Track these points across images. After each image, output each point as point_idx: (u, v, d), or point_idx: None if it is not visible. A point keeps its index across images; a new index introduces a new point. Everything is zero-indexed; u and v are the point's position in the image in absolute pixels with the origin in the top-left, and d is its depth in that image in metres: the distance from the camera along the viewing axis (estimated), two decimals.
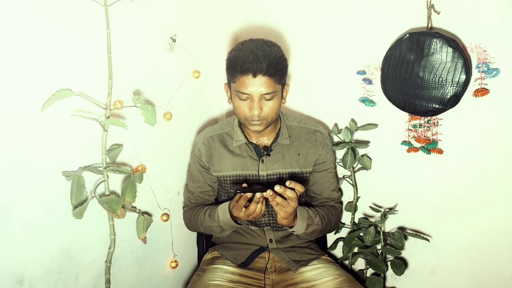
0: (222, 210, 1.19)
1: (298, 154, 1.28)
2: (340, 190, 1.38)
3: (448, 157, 1.29)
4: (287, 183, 1.03)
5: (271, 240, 1.29)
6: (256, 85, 1.11)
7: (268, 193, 1.01)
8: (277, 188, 1.01)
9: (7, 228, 0.90)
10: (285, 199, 1.04)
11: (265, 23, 1.54)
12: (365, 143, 1.39)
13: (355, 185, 1.41)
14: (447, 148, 1.28)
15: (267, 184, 1.25)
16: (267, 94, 1.13)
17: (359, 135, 1.42)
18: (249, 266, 1.25)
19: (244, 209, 1.09)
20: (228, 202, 1.18)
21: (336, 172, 1.37)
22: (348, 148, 1.35)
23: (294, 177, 1.28)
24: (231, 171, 1.27)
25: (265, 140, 1.29)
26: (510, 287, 1.28)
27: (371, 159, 1.38)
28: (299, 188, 1.04)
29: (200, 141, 1.32)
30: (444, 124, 1.28)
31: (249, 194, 1.05)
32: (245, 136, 1.28)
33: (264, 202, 1.07)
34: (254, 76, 1.10)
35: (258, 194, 1.05)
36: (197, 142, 1.32)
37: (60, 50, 0.98)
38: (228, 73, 1.19)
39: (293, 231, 1.17)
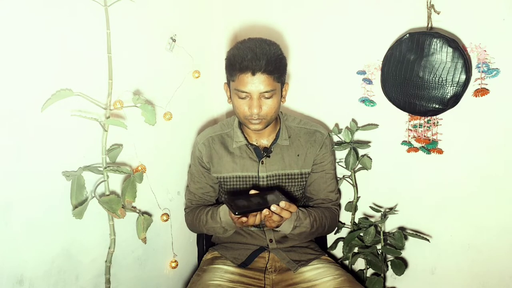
0: (223, 211, 1.18)
1: (298, 155, 1.28)
2: (339, 192, 1.38)
3: (448, 157, 1.29)
4: (282, 204, 1.02)
5: (271, 240, 1.29)
6: (255, 83, 1.11)
7: (265, 212, 1.02)
8: (273, 208, 1.02)
9: (7, 228, 0.90)
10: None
11: (265, 23, 1.54)
12: (367, 144, 1.39)
13: (355, 185, 1.41)
14: (447, 148, 1.28)
15: (263, 189, 1.25)
16: (266, 92, 1.13)
17: (359, 135, 1.42)
18: (249, 266, 1.25)
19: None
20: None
21: (335, 173, 1.36)
22: (350, 149, 1.35)
23: (293, 178, 1.28)
24: (231, 173, 1.27)
25: (265, 141, 1.29)
26: (510, 287, 1.28)
27: (371, 159, 1.38)
28: (293, 209, 1.05)
29: (200, 142, 1.31)
30: (444, 124, 1.28)
31: (244, 219, 1.05)
32: (245, 137, 1.28)
33: (260, 213, 1.05)
34: (253, 74, 1.10)
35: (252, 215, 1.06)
36: (197, 143, 1.32)
37: (60, 50, 0.98)
38: (227, 72, 1.19)
39: (279, 230, 1.17)
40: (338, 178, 1.40)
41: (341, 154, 1.42)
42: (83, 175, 1.02)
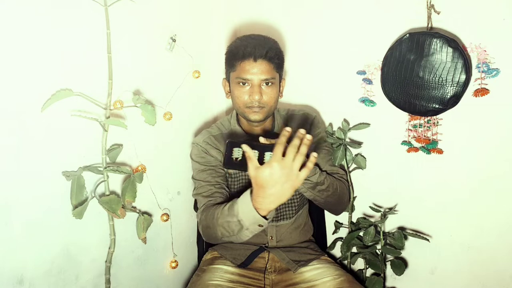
0: (243, 199, 0.96)
1: None
2: (342, 168, 1.34)
3: (448, 157, 1.29)
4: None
5: (271, 237, 1.29)
6: (256, 70, 1.15)
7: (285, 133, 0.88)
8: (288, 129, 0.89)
9: (7, 228, 0.90)
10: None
11: (265, 22, 1.54)
12: (358, 144, 1.39)
13: (351, 185, 1.41)
14: (447, 148, 1.28)
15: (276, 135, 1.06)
16: (266, 80, 1.16)
17: (358, 135, 1.42)
18: (248, 266, 1.25)
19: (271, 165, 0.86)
20: (250, 189, 0.95)
21: (332, 151, 1.33)
22: (340, 144, 1.33)
23: None
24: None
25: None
26: (510, 287, 1.28)
27: (365, 158, 1.38)
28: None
29: (201, 140, 1.29)
30: (444, 124, 1.28)
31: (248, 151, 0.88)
32: (245, 134, 1.28)
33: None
34: (255, 60, 1.14)
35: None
36: (197, 143, 1.28)
37: (60, 50, 0.98)
38: (227, 64, 1.22)
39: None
40: None
41: None
42: (83, 175, 1.02)
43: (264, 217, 0.94)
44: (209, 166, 1.25)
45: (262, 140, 0.91)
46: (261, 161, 0.88)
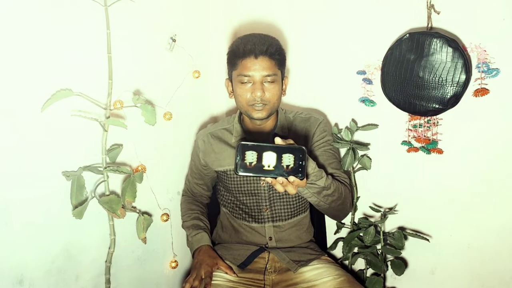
0: (197, 243, 1.30)
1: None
2: (346, 173, 1.31)
3: (448, 157, 1.29)
4: (290, 179, 0.86)
5: (270, 238, 1.29)
6: (258, 67, 1.15)
7: (268, 180, 0.87)
8: (280, 180, 0.87)
9: (7, 228, 0.90)
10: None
11: (265, 23, 1.54)
12: (366, 146, 1.39)
13: (355, 185, 1.41)
14: (447, 148, 1.28)
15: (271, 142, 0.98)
16: (268, 76, 1.16)
17: (359, 135, 1.42)
18: (248, 267, 1.25)
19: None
20: (204, 246, 1.28)
21: (338, 155, 1.32)
22: (348, 149, 1.34)
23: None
24: (232, 166, 1.27)
25: (265, 135, 1.29)
26: (510, 287, 1.28)
27: (371, 159, 1.38)
28: (301, 185, 0.92)
29: (200, 137, 1.35)
30: (444, 124, 1.28)
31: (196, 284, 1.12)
32: (244, 132, 1.29)
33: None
34: (256, 57, 1.15)
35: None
36: (198, 138, 1.36)
37: (60, 50, 0.98)
38: (229, 63, 1.22)
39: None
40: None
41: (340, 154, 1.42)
42: (83, 175, 1.02)
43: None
44: (195, 167, 1.38)
45: (278, 141, 0.87)
46: (259, 161, 0.86)
